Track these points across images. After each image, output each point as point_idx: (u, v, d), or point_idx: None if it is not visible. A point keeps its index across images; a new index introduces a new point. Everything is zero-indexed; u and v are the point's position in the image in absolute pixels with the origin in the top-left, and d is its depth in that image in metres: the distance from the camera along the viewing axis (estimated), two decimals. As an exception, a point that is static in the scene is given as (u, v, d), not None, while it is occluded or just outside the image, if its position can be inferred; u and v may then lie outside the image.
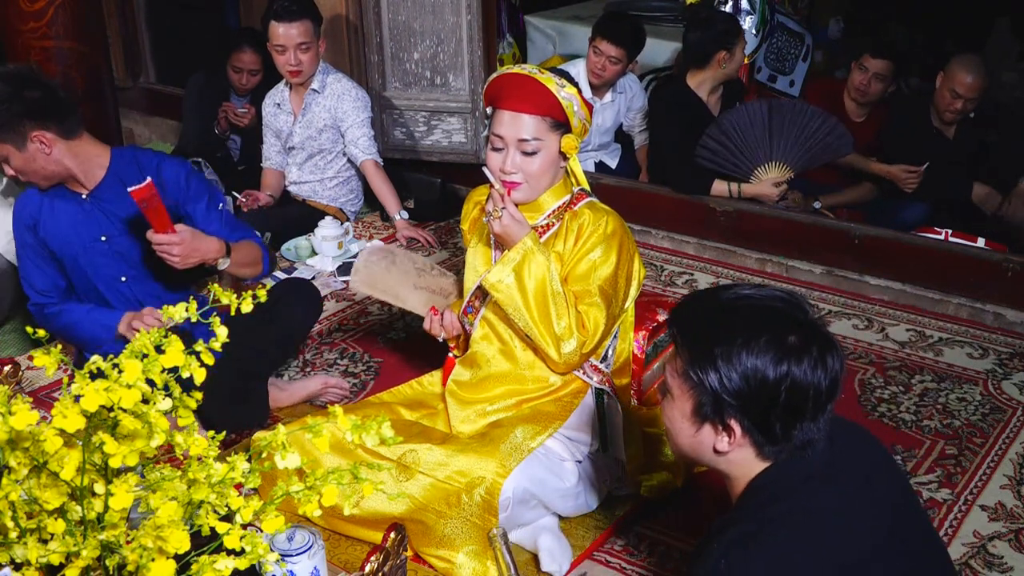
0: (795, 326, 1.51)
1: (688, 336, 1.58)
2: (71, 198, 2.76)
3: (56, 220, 2.76)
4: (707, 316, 1.59)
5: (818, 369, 1.49)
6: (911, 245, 3.67)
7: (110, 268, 2.80)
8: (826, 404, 1.52)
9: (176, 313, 1.45)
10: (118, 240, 2.78)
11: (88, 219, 2.76)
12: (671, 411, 1.63)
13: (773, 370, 1.48)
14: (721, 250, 3.96)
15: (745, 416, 1.52)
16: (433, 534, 2.23)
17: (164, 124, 5.38)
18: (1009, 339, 3.34)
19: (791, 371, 1.48)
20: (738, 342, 1.49)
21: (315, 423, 1.45)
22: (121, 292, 2.82)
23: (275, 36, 3.90)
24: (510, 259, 2.32)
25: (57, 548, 1.36)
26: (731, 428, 1.54)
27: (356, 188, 4.28)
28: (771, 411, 1.50)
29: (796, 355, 1.48)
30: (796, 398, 1.49)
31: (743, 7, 4.52)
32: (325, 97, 4.06)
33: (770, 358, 1.48)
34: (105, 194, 2.75)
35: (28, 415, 1.31)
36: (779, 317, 1.53)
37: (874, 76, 4.25)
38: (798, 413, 1.51)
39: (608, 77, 4.29)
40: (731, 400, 1.51)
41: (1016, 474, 2.66)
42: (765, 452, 1.56)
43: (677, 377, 1.59)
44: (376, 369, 3.22)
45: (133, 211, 2.68)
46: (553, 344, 2.32)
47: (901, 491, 1.64)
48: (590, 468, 2.44)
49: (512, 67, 2.39)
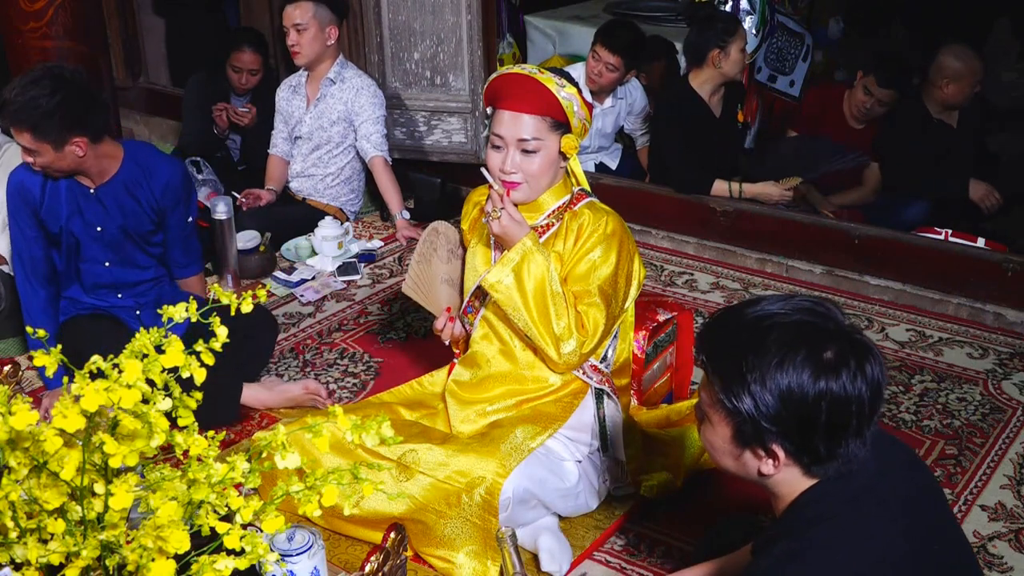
0: (829, 338, 1.44)
1: (717, 362, 1.50)
2: (76, 188, 2.90)
3: (58, 204, 2.90)
4: (735, 339, 1.50)
5: (858, 380, 1.42)
6: (911, 245, 3.67)
7: (97, 253, 2.98)
8: (871, 416, 1.45)
9: (176, 313, 1.45)
10: (111, 232, 2.95)
11: (88, 210, 2.92)
12: (712, 437, 1.56)
13: (811, 388, 1.41)
14: (721, 250, 3.96)
15: (787, 440, 1.46)
16: (433, 534, 2.23)
17: (164, 124, 5.38)
18: (1009, 339, 3.35)
19: (829, 387, 1.41)
20: (772, 363, 1.42)
21: (315, 423, 1.45)
22: (99, 275, 3.01)
23: (284, 18, 4.01)
24: (509, 259, 2.32)
25: (57, 548, 1.36)
26: (774, 453, 1.48)
27: (357, 188, 4.29)
28: (814, 432, 1.43)
29: (833, 369, 1.41)
30: (838, 414, 1.42)
31: (743, 7, 4.52)
32: (342, 89, 4.07)
33: (807, 376, 1.41)
34: (110, 192, 2.91)
35: (28, 415, 1.31)
36: (811, 331, 1.45)
37: (878, 101, 4.25)
38: (842, 429, 1.44)
39: (605, 84, 4.29)
40: (769, 426, 1.44)
41: (1016, 474, 2.66)
42: (812, 471, 1.49)
43: (712, 405, 1.52)
44: (376, 369, 3.22)
45: (131, 210, 2.93)
46: (552, 344, 2.32)
47: (944, 513, 1.60)
48: (590, 468, 2.44)
49: (512, 67, 2.39)
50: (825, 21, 5.86)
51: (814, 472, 1.50)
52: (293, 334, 3.43)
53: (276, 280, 3.79)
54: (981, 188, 4.01)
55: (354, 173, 4.24)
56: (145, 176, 2.94)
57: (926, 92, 4.11)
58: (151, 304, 3.05)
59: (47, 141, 2.72)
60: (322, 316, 3.55)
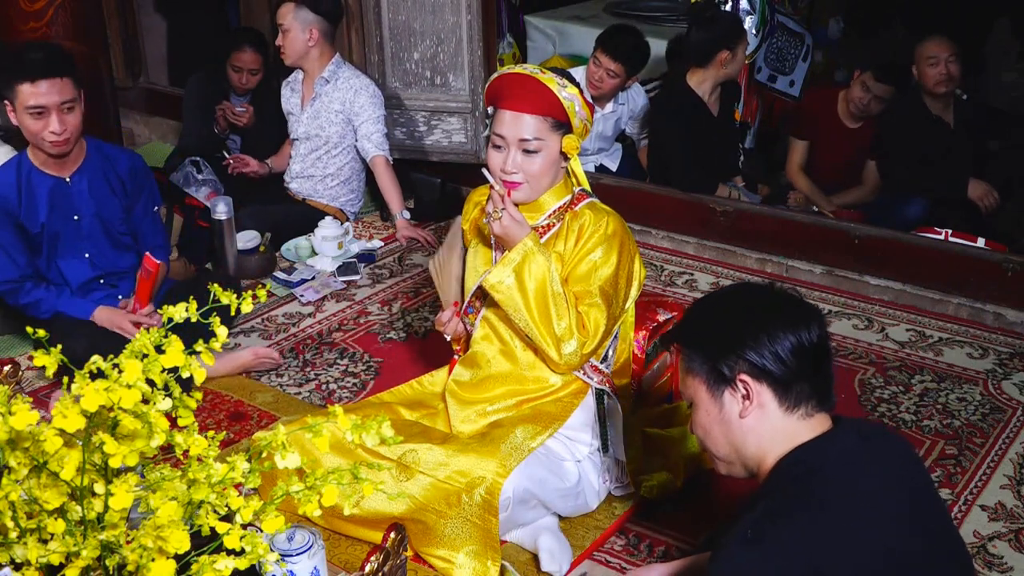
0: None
1: (701, 340, 1.69)
2: (51, 179, 2.99)
3: (34, 198, 2.98)
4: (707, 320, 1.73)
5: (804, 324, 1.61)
6: (911, 245, 3.67)
7: (76, 245, 3.05)
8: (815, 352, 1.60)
9: (176, 313, 1.45)
10: (88, 220, 3.04)
11: (65, 199, 3.01)
12: (697, 414, 1.70)
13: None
14: (721, 250, 3.96)
15: (752, 367, 1.60)
16: (433, 534, 2.23)
17: (164, 124, 5.38)
18: (1009, 339, 3.34)
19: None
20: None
21: (315, 423, 1.45)
22: (80, 269, 3.08)
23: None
24: (510, 260, 2.32)
25: (57, 548, 1.36)
26: (745, 382, 1.61)
27: (357, 188, 4.28)
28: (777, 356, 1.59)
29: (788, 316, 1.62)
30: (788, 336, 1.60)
31: (743, 7, 4.52)
32: (337, 88, 4.07)
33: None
34: (84, 179, 3.02)
35: (28, 415, 1.31)
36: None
37: (875, 98, 4.25)
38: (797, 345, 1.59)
39: (605, 90, 4.28)
40: (731, 355, 1.61)
41: (1016, 474, 2.66)
42: (787, 402, 1.60)
43: (694, 385, 1.69)
44: (376, 369, 3.22)
45: (103, 196, 3.05)
46: (554, 345, 2.32)
47: (925, 484, 1.66)
48: (590, 468, 2.44)
49: (513, 67, 2.39)
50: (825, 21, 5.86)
51: (790, 403, 1.61)
52: (293, 334, 3.43)
53: (276, 280, 3.79)
54: (980, 187, 4.01)
55: (354, 173, 4.24)
56: (110, 163, 3.07)
57: (920, 84, 4.10)
58: (130, 288, 3.14)
59: (81, 88, 2.86)
60: (322, 316, 3.56)
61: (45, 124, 2.81)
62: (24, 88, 2.78)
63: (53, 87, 2.78)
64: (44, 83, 2.77)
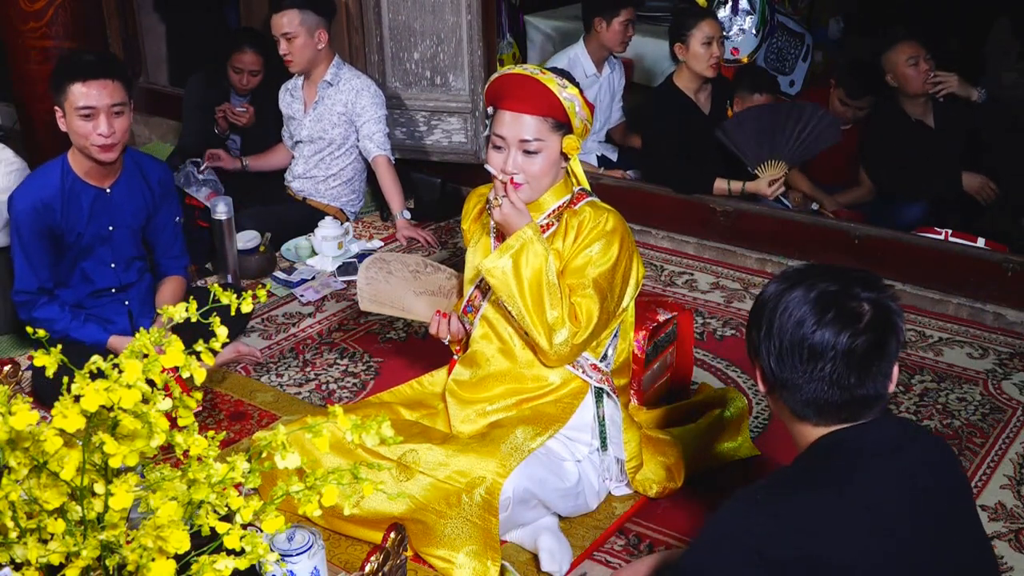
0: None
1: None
2: (93, 190, 2.97)
3: (76, 209, 2.96)
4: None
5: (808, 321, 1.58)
6: (911, 245, 3.67)
7: (105, 255, 3.04)
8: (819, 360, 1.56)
9: (176, 313, 1.45)
10: (120, 231, 3.03)
11: (104, 210, 2.99)
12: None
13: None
14: (721, 250, 3.96)
15: (757, 353, 1.62)
16: (433, 534, 2.23)
17: (164, 124, 5.38)
18: (1009, 339, 3.35)
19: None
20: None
21: (315, 423, 1.45)
22: (103, 274, 3.06)
23: (272, 28, 4.03)
24: (508, 246, 2.32)
25: (57, 548, 1.36)
26: (758, 365, 1.62)
27: (358, 188, 4.29)
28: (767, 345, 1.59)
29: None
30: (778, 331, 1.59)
31: (743, 7, 4.53)
32: (339, 91, 4.07)
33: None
34: (122, 190, 3.01)
35: (28, 415, 1.31)
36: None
37: (856, 108, 4.25)
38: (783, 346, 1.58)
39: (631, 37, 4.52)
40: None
41: (1016, 474, 2.66)
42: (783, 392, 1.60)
43: None
44: (376, 369, 3.22)
45: (137, 207, 3.05)
46: (545, 334, 2.31)
47: (960, 489, 1.64)
48: (590, 468, 2.44)
49: (513, 67, 2.39)
50: (825, 21, 5.87)
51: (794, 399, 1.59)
52: (293, 334, 3.43)
53: (276, 280, 3.79)
54: (976, 180, 3.97)
55: (356, 174, 4.24)
56: (143, 173, 3.06)
57: (900, 89, 4.07)
58: (136, 298, 3.14)
59: (131, 96, 2.88)
60: (322, 316, 3.56)
61: (94, 126, 2.79)
62: (75, 88, 2.77)
63: (104, 88, 2.77)
64: (95, 84, 2.76)
